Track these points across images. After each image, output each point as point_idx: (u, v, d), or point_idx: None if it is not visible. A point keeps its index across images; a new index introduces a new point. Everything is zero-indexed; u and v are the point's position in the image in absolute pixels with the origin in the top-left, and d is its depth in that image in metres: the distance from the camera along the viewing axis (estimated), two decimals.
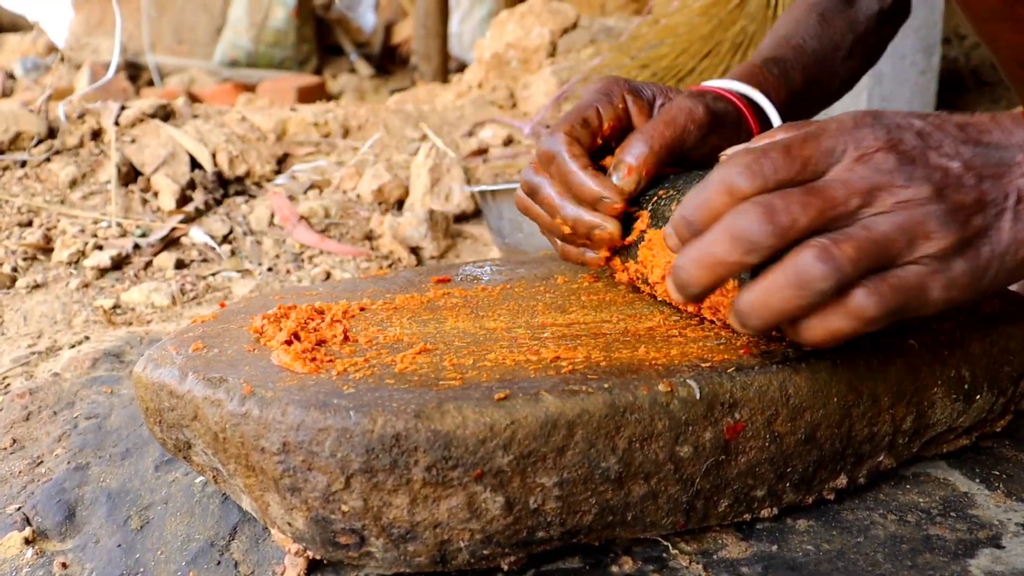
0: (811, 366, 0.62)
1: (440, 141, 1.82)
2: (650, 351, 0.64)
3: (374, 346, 0.69)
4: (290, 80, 4.79)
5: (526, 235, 1.23)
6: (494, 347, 0.67)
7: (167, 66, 5.24)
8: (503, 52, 2.16)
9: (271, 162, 1.68)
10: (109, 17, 5.70)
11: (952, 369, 0.68)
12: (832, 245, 0.53)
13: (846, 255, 0.53)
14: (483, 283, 0.89)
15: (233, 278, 1.32)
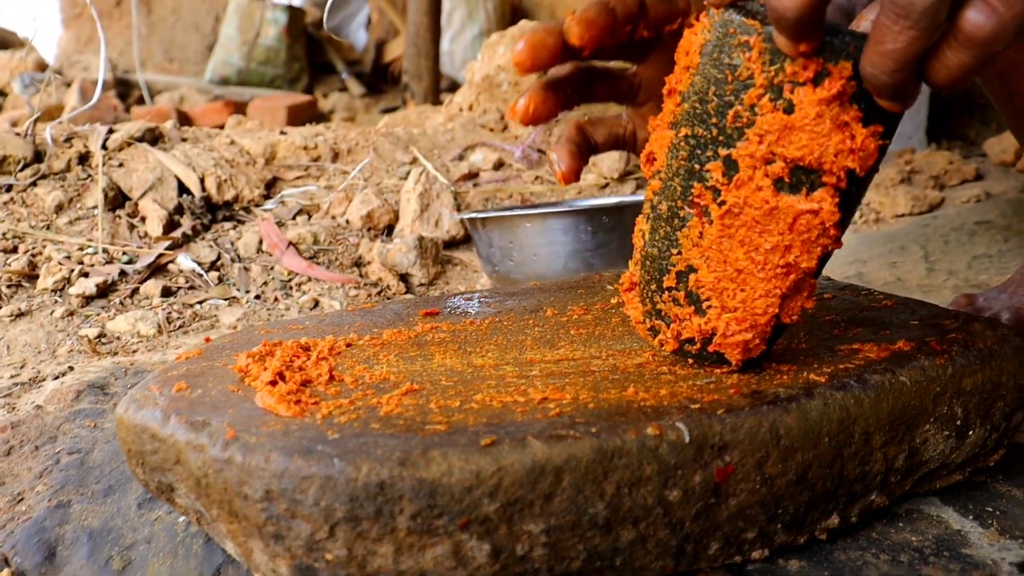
0: (801, 406, 0.61)
1: (430, 165, 1.81)
2: (639, 391, 0.63)
3: (360, 386, 0.68)
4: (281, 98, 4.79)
5: (516, 263, 1.23)
6: (482, 386, 0.66)
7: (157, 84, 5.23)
8: (494, 74, 2.15)
9: (260, 186, 1.67)
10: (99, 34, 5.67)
11: (944, 406, 0.67)
12: None
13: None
14: (472, 316, 0.88)
15: (220, 306, 1.30)
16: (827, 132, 0.57)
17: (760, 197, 0.60)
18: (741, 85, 0.59)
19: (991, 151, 2.16)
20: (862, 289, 0.88)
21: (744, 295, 0.63)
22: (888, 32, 0.50)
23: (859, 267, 1.53)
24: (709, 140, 0.61)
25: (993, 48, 0.49)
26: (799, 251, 0.61)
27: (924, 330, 0.74)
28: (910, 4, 0.48)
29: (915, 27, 0.49)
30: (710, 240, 0.63)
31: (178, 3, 5.74)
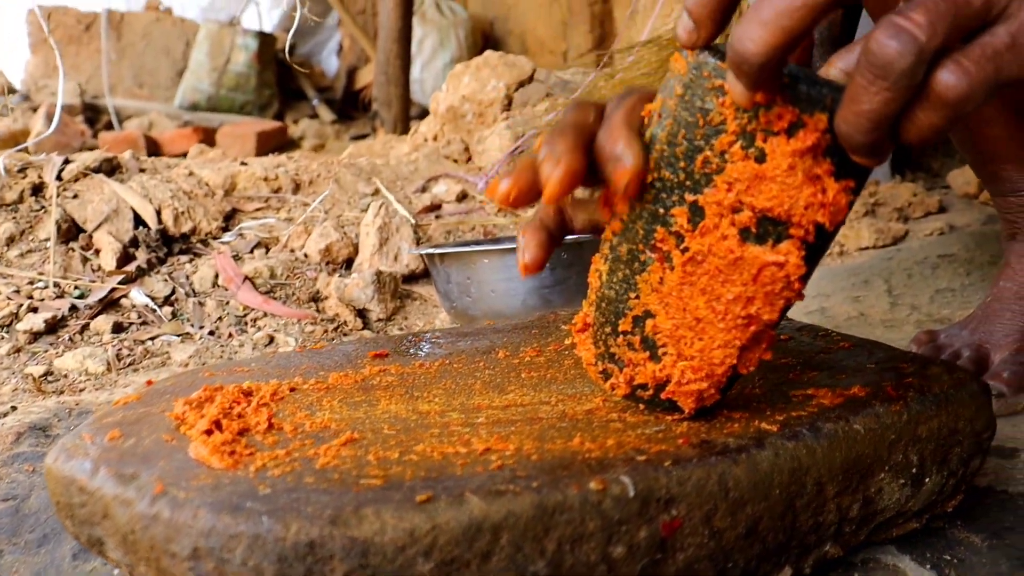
0: (752, 457, 0.59)
1: (392, 197, 1.79)
2: (585, 441, 0.61)
3: (299, 435, 0.66)
4: (250, 125, 4.76)
5: (474, 300, 1.21)
6: (424, 435, 0.64)
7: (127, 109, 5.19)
8: (458, 105, 2.14)
9: (218, 218, 1.65)
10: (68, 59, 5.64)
11: (899, 454, 0.66)
12: (899, 17, 0.47)
13: (917, 23, 0.47)
14: (422, 358, 0.86)
15: (173, 342, 1.28)
16: (799, 184, 0.56)
17: (725, 246, 0.59)
18: (712, 130, 0.57)
19: (955, 183, 2.17)
20: (820, 330, 0.86)
21: (702, 344, 0.62)
22: (864, 92, 0.49)
23: (822, 301, 1.52)
24: (676, 184, 0.60)
25: (965, 108, 0.49)
26: (762, 303, 0.59)
27: (880, 374, 0.73)
28: (888, 65, 0.48)
29: (892, 88, 0.48)
30: (670, 286, 0.61)
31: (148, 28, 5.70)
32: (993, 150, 1.13)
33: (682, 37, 0.56)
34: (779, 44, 0.50)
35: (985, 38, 0.48)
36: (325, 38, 6.21)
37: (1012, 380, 1.02)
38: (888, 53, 0.47)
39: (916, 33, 0.47)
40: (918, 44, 0.47)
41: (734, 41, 0.51)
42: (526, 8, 5.27)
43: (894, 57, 0.47)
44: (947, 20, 0.47)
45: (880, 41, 0.48)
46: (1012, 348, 1.07)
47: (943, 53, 0.48)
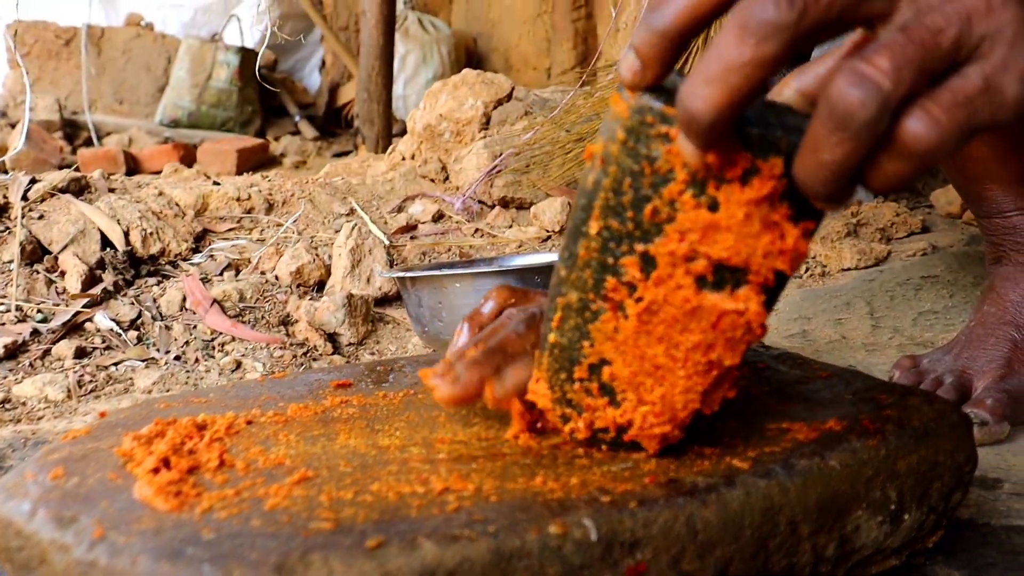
0: (721, 497, 0.56)
1: (368, 217, 1.76)
2: (548, 480, 0.58)
3: (251, 472, 0.63)
4: (231, 141, 4.73)
5: (446, 324, 1.18)
6: (381, 473, 0.61)
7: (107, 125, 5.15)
8: (435, 123, 2.12)
9: (188, 240, 1.62)
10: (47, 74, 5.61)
11: (877, 490, 0.63)
12: (862, 63, 0.44)
13: (881, 70, 0.44)
14: (386, 387, 0.83)
15: (137, 368, 1.24)
16: (756, 233, 0.53)
17: (681, 296, 0.56)
18: (660, 179, 0.54)
19: (938, 202, 2.16)
20: (797, 358, 0.84)
21: (663, 390, 0.59)
22: (824, 142, 0.46)
23: (803, 324, 1.50)
24: (625, 234, 0.56)
25: (934, 159, 0.45)
26: (723, 349, 0.57)
27: (858, 406, 0.70)
28: (849, 116, 0.44)
29: (854, 139, 0.45)
30: (625, 335, 0.59)
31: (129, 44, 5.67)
32: (977, 171, 1.11)
33: (626, 77, 0.52)
34: (729, 103, 0.46)
35: (956, 81, 0.45)
36: (307, 54, 6.18)
37: (995, 408, 1.00)
38: (850, 103, 0.44)
39: (880, 81, 0.44)
40: (882, 93, 0.44)
41: (683, 98, 0.48)
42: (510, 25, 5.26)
43: (856, 107, 0.44)
44: (914, 65, 0.44)
45: (841, 89, 0.44)
46: (995, 375, 1.05)
47: (910, 99, 0.45)
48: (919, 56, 0.44)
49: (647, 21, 0.49)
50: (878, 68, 0.44)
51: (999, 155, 1.09)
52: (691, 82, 0.47)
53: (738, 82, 0.46)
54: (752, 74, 0.45)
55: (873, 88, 0.44)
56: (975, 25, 0.45)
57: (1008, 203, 1.10)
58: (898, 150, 0.45)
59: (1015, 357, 1.07)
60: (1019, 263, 1.11)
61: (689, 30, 0.49)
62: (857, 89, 0.44)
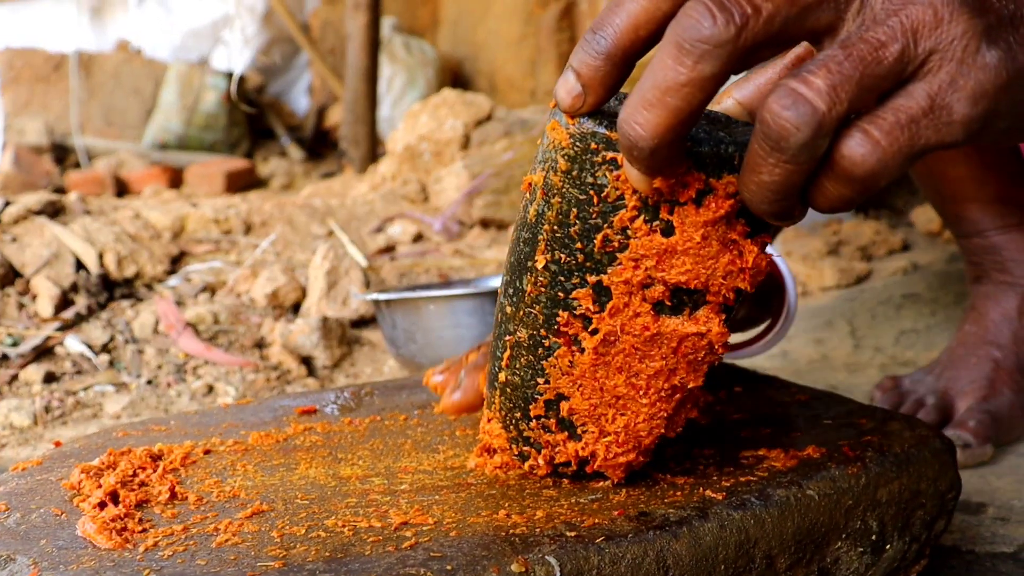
0: (694, 530, 0.54)
1: (346, 238, 1.74)
2: (512, 513, 0.56)
3: (203, 506, 0.60)
4: (219, 164, 4.71)
5: (420, 347, 1.16)
6: (340, 506, 0.59)
7: (96, 148, 5.14)
8: (415, 144, 2.10)
9: (164, 262, 1.59)
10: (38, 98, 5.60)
11: (857, 520, 0.61)
12: (796, 82, 0.41)
13: (816, 90, 0.41)
14: (352, 414, 0.80)
15: (107, 393, 1.21)
16: (714, 254, 0.51)
17: (639, 323, 0.53)
18: (610, 207, 0.51)
19: (918, 220, 2.14)
20: (776, 381, 0.82)
21: (625, 420, 0.57)
22: (763, 164, 0.43)
23: (784, 344, 1.48)
24: (575, 266, 0.54)
25: (877, 183, 0.43)
26: (685, 373, 0.55)
27: (837, 431, 0.68)
28: (783, 139, 0.42)
29: (791, 161, 0.43)
30: (582, 369, 0.56)
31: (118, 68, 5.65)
32: (955, 191, 1.10)
33: (565, 101, 0.48)
34: (670, 126, 0.44)
35: (899, 101, 0.43)
36: (295, 77, 6.18)
37: (978, 430, 0.98)
38: (783, 125, 0.42)
39: (815, 102, 0.41)
40: (817, 116, 0.41)
41: (622, 125, 0.45)
42: (495, 47, 5.26)
43: (790, 131, 0.42)
44: (852, 83, 0.42)
45: (775, 111, 0.42)
46: (978, 396, 1.03)
47: (849, 120, 0.43)
48: (858, 74, 0.42)
49: (587, 41, 0.46)
50: (813, 88, 0.41)
51: (976, 174, 1.07)
52: (629, 107, 0.44)
53: (677, 104, 0.43)
54: (692, 95, 0.43)
55: (808, 110, 0.41)
56: (921, 40, 0.42)
57: (987, 222, 1.09)
58: (837, 173, 0.43)
59: (997, 377, 1.05)
60: (1000, 282, 1.09)
61: (633, 50, 0.46)
62: (791, 111, 0.41)
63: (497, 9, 5.28)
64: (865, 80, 0.42)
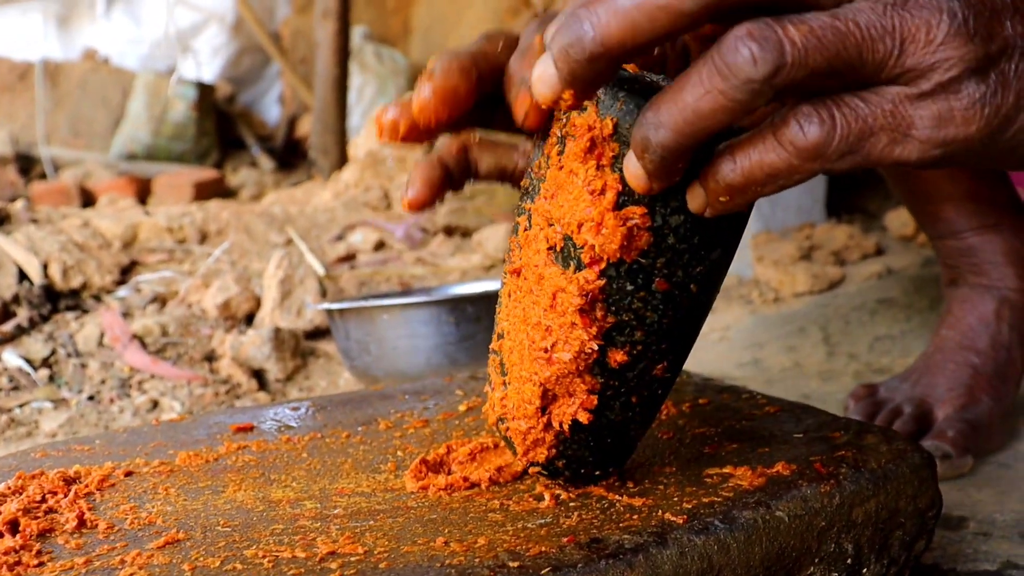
0: (651, 559, 0.49)
1: (306, 247, 1.68)
2: (452, 540, 0.50)
3: (113, 535, 0.54)
4: (187, 174, 4.66)
5: (374, 358, 1.11)
6: (264, 533, 0.53)
7: (62, 158, 5.07)
8: (378, 150, 2.05)
9: (114, 272, 1.53)
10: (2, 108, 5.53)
11: (831, 543, 0.56)
12: (775, 24, 0.39)
13: (791, 39, 0.39)
14: (292, 431, 0.75)
15: (44, 409, 1.15)
16: (576, 196, 0.49)
17: (536, 260, 0.51)
18: (545, 133, 0.52)
19: (892, 224, 2.11)
20: (743, 392, 0.77)
21: (518, 373, 0.54)
22: (693, 86, 0.40)
23: (756, 351, 1.44)
24: (524, 192, 0.54)
25: (811, 165, 0.41)
26: (557, 337, 0.51)
27: (809, 446, 0.63)
28: (734, 66, 0.39)
29: (726, 94, 0.40)
30: (505, 301, 0.55)
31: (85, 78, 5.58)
32: (930, 190, 1.06)
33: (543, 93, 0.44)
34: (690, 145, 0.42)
35: (865, 94, 0.41)
36: (266, 87, 6.13)
37: (957, 440, 0.94)
38: (742, 53, 0.39)
39: (784, 48, 0.39)
40: (778, 62, 0.39)
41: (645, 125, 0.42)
42: None
43: (746, 60, 0.39)
44: (824, 56, 0.39)
45: (739, 36, 0.39)
46: (957, 404, 0.99)
47: (803, 92, 0.40)
48: (834, 51, 0.39)
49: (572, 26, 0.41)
50: (788, 36, 0.39)
51: (952, 172, 1.03)
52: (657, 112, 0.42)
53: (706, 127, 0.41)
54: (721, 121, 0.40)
55: (775, 53, 0.39)
56: (907, 54, 0.40)
57: (961, 223, 1.05)
58: (778, 134, 0.41)
59: (976, 384, 1.01)
60: (976, 285, 1.05)
61: (627, 58, 0.42)
62: (756, 44, 0.39)
63: (469, 17, 5.25)
64: (837, 62, 0.40)
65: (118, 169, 4.97)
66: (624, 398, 0.54)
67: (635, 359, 0.52)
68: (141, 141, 5.23)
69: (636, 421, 0.56)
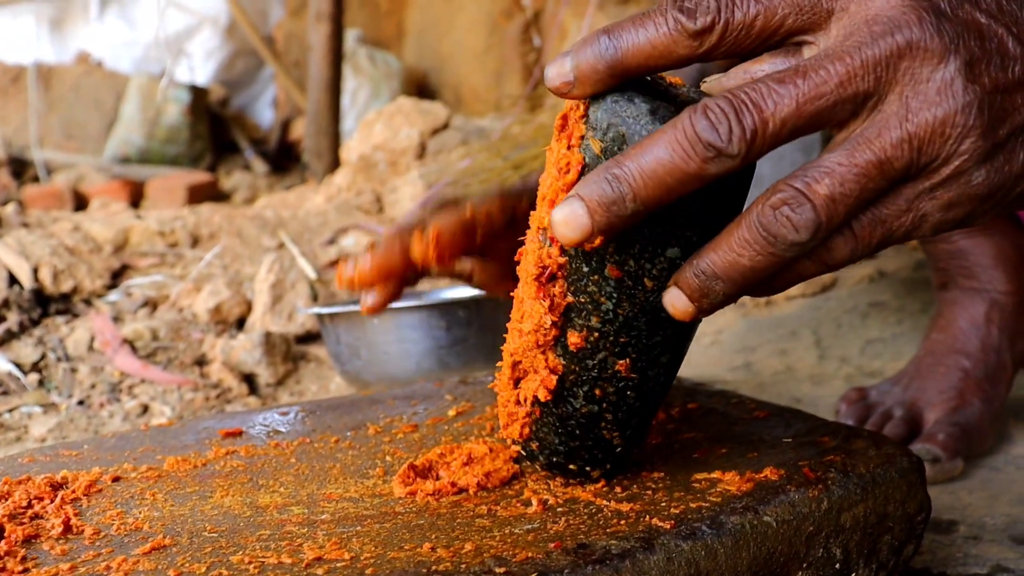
0: (637, 564, 0.49)
1: (297, 250, 1.68)
2: (439, 546, 0.50)
3: (99, 541, 0.54)
4: (181, 177, 4.65)
5: (365, 362, 1.11)
6: (251, 539, 0.53)
7: (55, 162, 5.05)
8: (370, 154, 2.05)
9: (104, 276, 1.52)
10: None
11: (819, 548, 0.56)
12: (803, 186, 0.43)
13: (821, 197, 0.43)
14: (281, 436, 0.74)
15: (34, 414, 1.15)
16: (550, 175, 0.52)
17: (529, 238, 0.54)
18: None
19: None
20: (733, 396, 0.77)
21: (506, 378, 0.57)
22: (748, 248, 0.45)
23: (747, 355, 1.44)
24: None
25: (844, 266, 0.47)
26: (523, 310, 0.54)
27: (798, 451, 0.63)
28: (780, 236, 0.44)
29: (779, 254, 0.45)
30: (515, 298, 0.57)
31: (78, 81, 5.57)
32: None
33: (552, 82, 0.49)
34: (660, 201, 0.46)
35: (887, 203, 0.45)
36: (260, 91, 6.12)
37: (948, 443, 0.94)
38: (783, 226, 0.44)
39: (818, 211, 0.44)
40: (817, 222, 0.44)
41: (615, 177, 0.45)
42: (460, 59, 5.22)
43: (789, 230, 0.44)
44: (852, 198, 0.44)
45: (772, 206, 0.44)
46: (947, 407, 0.99)
47: None
48: (859, 188, 0.44)
49: (598, 42, 0.47)
50: (818, 197, 0.43)
51: None
52: (628, 166, 0.45)
53: (673, 186, 0.45)
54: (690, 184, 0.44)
55: (810, 217, 0.44)
56: (924, 153, 0.43)
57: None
58: (814, 258, 0.46)
59: (966, 387, 1.01)
60: (967, 288, 1.05)
61: (636, 71, 0.47)
62: (792, 213, 0.44)
63: (462, 21, 5.24)
64: (865, 194, 0.44)
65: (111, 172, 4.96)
66: (587, 387, 0.55)
67: (593, 346, 0.53)
68: (134, 144, 5.22)
69: (607, 421, 0.56)
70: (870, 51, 0.43)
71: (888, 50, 0.43)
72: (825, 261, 0.46)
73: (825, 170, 0.44)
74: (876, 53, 0.43)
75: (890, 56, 0.43)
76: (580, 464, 0.58)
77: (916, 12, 0.43)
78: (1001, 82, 0.44)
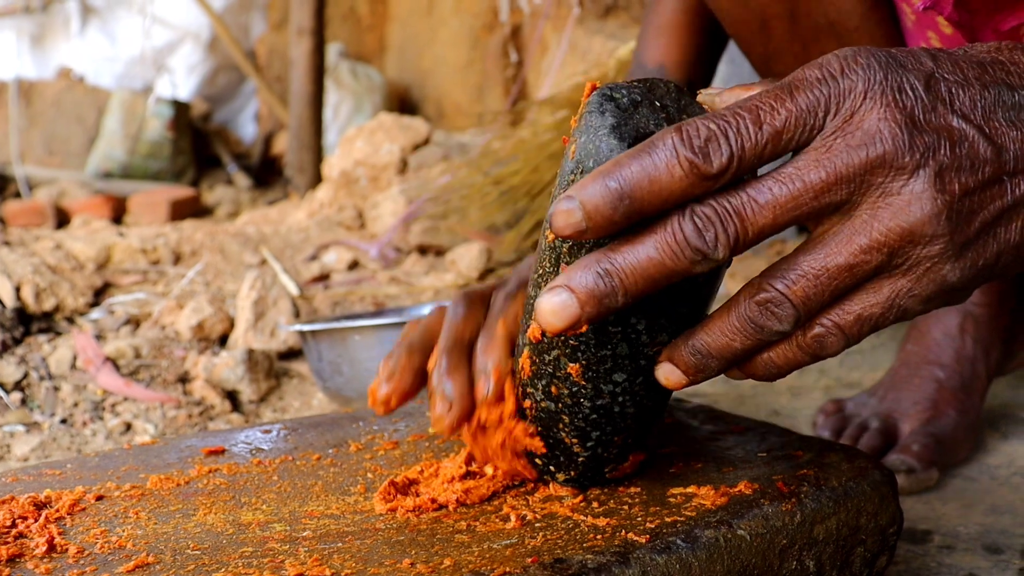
0: None
1: (280, 267, 1.69)
2: (418, 561, 0.51)
3: (83, 559, 0.55)
4: (163, 192, 4.64)
5: (347, 379, 1.11)
6: (233, 556, 0.54)
7: (37, 177, 5.03)
8: (351, 170, 2.06)
9: (87, 294, 1.52)
10: None
11: (793, 560, 0.57)
12: (781, 289, 0.48)
13: (797, 296, 0.48)
14: (263, 454, 0.75)
15: (16, 433, 1.15)
16: None
17: (527, 338, 0.60)
18: None
19: None
20: (710, 411, 0.78)
21: None
22: (737, 333, 0.50)
23: None
24: None
25: (832, 355, 0.50)
26: None
27: (772, 465, 0.64)
28: (765, 327, 0.49)
29: (765, 338, 0.50)
30: None
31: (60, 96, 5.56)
32: None
33: (563, 231, 0.48)
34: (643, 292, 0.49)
35: (865, 296, 0.48)
36: (242, 105, 6.12)
37: (922, 453, 0.95)
38: (768, 321, 0.48)
39: (797, 308, 0.48)
40: (795, 316, 0.48)
41: (606, 272, 0.48)
42: (442, 74, 5.24)
43: (772, 323, 0.49)
44: (826, 294, 0.48)
45: (757, 303, 0.48)
46: (922, 418, 1.01)
47: None
48: (833, 285, 0.48)
49: (602, 182, 0.47)
50: (795, 296, 0.48)
51: None
52: (620, 261, 0.48)
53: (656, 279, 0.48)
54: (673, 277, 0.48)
55: (790, 313, 0.48)
56: (897, 255, 0.47)
57: None
58: (800, 345, 0.50)
59: (940, 398, 1.02)
60: None
61: (644, 213, 0.47)
62: (776, 309, 0.48)
63: (443, 35, 5.26)
64: (838, 291, 0.48)
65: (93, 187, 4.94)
66: (544, 382, 0.58)
67: (549, 342, 0.56)
68: (116, 159, 5.21)
69: (564, 423, 0.59)
70: (844, 165, 0.46)
71: (861, 165, 0.46)
72: (812, 350, 0.50)
73: (801, 273, 0.48)
74: (850, 168, 0.46)
75: (863, 171, 0.46)
76: (545, 462, 0.61)
77: (890, 126, 0.46)
78: (971, 185, 0.46)
